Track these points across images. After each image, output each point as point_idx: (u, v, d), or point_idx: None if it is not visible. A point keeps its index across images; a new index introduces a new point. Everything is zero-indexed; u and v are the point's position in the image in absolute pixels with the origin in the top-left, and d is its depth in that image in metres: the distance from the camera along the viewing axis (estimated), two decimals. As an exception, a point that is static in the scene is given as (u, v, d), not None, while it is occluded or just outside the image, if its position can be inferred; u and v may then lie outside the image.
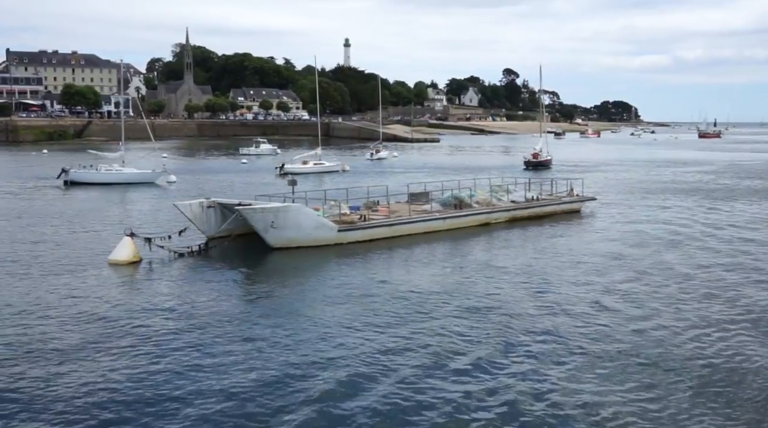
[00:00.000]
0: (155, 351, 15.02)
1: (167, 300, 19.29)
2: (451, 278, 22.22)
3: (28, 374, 13.67)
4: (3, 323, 16.98)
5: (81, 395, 12.68)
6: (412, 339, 15.93)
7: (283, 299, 19.72)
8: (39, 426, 11.48)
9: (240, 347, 15.36)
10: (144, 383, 13.23)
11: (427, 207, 32.23)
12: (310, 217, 27.18)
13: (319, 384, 13.19)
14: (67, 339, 15.82)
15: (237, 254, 26.04)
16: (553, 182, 39.05)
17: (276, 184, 55.68)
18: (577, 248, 27.47)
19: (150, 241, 25.12)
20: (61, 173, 52.51)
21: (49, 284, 20.98)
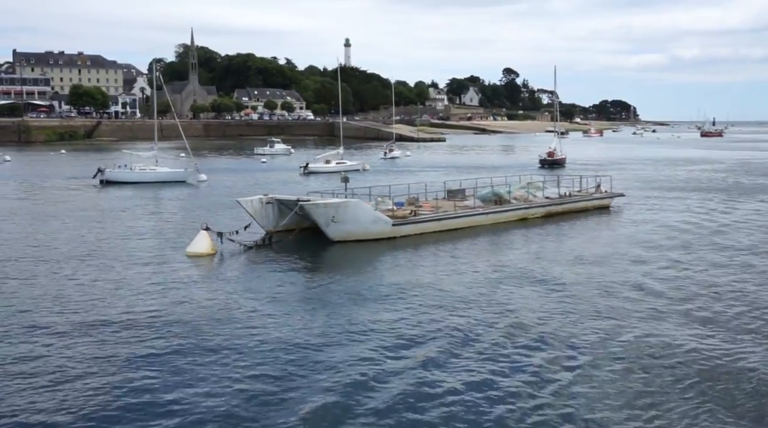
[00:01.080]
0: (261, 332, 16.63)
1: (249, 288, 20.88)
2: (510, 267, 23.83)
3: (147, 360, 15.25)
4: (107, 313, 18.41)
5: (193, 373, 14.28)
6: (485, 319, 17.55)
7: (360, 286, 21.30)
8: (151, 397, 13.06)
9: (332, 328, 16.87)
10: (259, 355, 14.86)
11: (469, 203, 33.82)
12: (368, 212, 28.78)
13: (408, 361, 14.83)
14: (171, 325, 17.38)
15: (300, 247, 27.56)
16: (581, 179, 40.60)
17: (302, 182, 57.40)
18: (619, 239, 29.24)
19: (222, 235, 26.72)
20: (97, 173, 54.02)
21: (137, 275, 22.46)
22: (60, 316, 17.71)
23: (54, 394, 12.68)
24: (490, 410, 12.22)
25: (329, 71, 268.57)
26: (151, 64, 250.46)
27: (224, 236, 26.76)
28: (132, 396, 12.62)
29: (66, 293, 19.99)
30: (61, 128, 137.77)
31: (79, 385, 13.10)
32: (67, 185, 53.70)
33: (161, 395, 12.72)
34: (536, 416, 11.99)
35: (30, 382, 13.28)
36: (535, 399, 12.65)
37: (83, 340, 15.78)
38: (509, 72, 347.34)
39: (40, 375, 13.61)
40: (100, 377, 13.50)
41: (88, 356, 14.75)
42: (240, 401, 12.45)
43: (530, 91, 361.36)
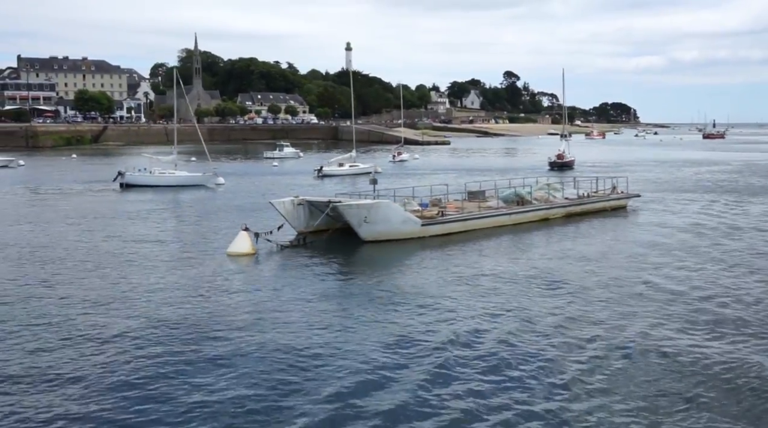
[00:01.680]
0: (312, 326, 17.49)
1: (291, 286, 21.64)
2: (540, 265, 24.64)
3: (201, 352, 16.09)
4: (156, 310, 19.21)
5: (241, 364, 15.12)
6: (520, 316, 18.41)
7: (399, 283, 22.14)
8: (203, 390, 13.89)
9: (377, 325, 17.72)
10: (317, 346, 15.71)
11: (492, 204, 34.66)
12: (399, 212, 29.64)
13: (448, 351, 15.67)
14: (222, 324, 18.23)
15: (333, 247, 28.36)
16: (597, 181, 41.42)
17: (317, 185, 58.30)
18: (640, 239, 30.13)
19: (258, 235, 27.55)
20: (117, 176, 54.81)
21: (182, 275, 23.19)
22: (117, 317, 18.50)
23: (108, 388, 13.42)
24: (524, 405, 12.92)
25: (331, 75, 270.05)
26: (173, 69, 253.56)
27: (261, 236, 27.59)
28: (195, 392, 13.38)
29: (118, 294, 20.70)
30: (68, 133, 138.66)
31: (134, 380, 13.80)
32: (89, 189, 54.53)
33: (222, 391, 13.48)
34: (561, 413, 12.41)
35: (85, 374, 14.11)
36: (568, 398, 13.12)
37: (147, 339, 16.59)
38: (510, 75, 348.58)
39: (92, 369, 14.43)
40: (167, 379, 14.13)
41: (152, 354, 15.56)
42: (285, 392, 13.14)
43: (531, 94, 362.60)
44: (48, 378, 13.76)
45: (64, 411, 12.28)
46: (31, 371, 14.16)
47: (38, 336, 16.48)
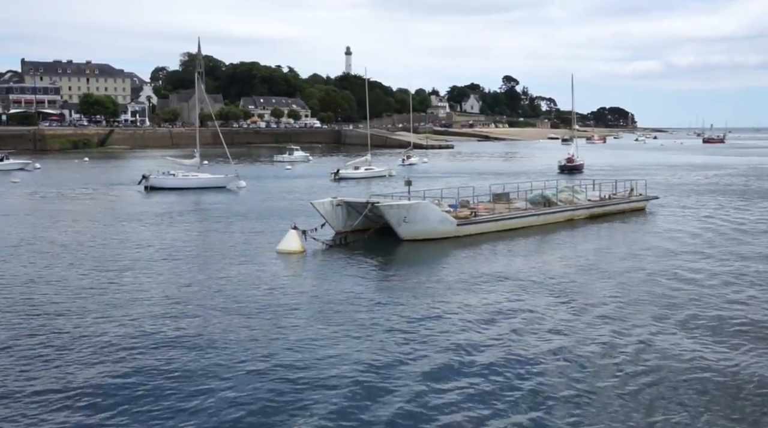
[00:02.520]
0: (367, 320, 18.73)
1: (342, 281, 22.98)
2: (575, 263, 25.93)
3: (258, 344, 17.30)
4: (228, 304, 20.42)
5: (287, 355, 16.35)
6: (563, 310, 19.68)
7: (442, 279, 23.41)
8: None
9: (424, 319, 18.99)
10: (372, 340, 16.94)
11: (521, 205, 35.93)
12: (436, 212, 30.90)
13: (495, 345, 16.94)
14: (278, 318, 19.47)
15: (374, 246, 29.54)
16: (616, 183, 42.71)
17: (334, 187, 59.59)
18: (665, 236, 31.76)
19: (305, 233, 28.76)
20: (142, 179, 55.97)
21: (237, 272, 24.27)
22: (194, 313, 19.68)
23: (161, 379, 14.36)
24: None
25: (333, 79, 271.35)
26: (197, 74, 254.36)
27: (308, 235, 28.82)
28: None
29: (187, 290, 21.89)
30: (75, 136, 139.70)
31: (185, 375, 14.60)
32: (114, 191, 55.74)
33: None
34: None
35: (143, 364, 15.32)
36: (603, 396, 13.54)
37: (231, 330, 17.80)
38: (509, 80, 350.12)
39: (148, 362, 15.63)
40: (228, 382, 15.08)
41: (236, 346, 16.76)
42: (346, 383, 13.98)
43: (530, 98, 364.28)
44: (132, 366, 14.96)
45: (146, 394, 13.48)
46: (111, 359, 15.34)
47: (110, 329, 17.63)
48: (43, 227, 35.29)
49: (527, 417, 12.40)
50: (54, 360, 15.07)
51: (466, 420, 12.26)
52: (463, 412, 12.59)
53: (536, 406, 12.87)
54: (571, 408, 12.78)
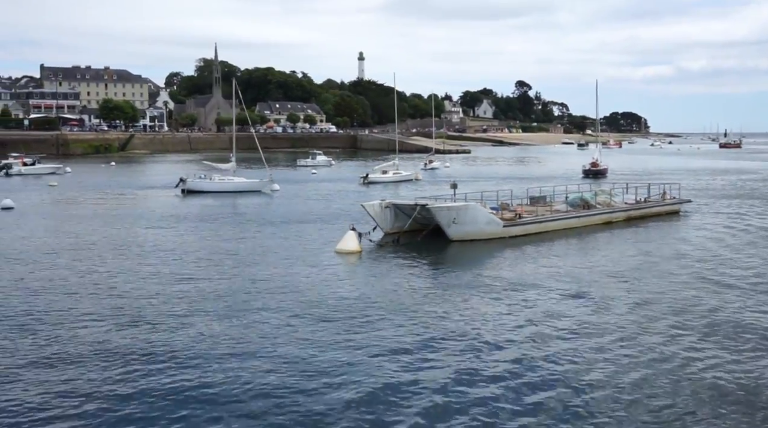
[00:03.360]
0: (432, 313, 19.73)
1: (400, 279, 24.12)
2: (622, 264, 26.88)
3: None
4: (299, 299, 21.51)
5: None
6: (615, 307, 20.61)
7: (495, 277, 24.40)
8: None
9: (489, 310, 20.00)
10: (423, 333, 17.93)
11: (561, 207, 36.87)
12: (484, 214, 31.91)
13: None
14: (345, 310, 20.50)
15: (424, 246, 30.56)
16: (650, 187, 43.58)
17: (363, 191, 60.61)
18: (705, 237, 32.90)
19: (361, 235, 29.82)
20: (179, 183, 57.16)
21: (301, 271, 25.33)
22: (270, 307, 20.72)
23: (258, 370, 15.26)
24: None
25: (346, 85, 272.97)
26: (233, 80, 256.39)
27: (363, 236, 29.89)
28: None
29: (258, 287, 22.94)
30: (96, 141, 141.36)
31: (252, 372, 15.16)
32: (152, 194, 56.94)
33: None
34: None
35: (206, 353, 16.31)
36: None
37: (305, 321, 18.84)
38: (522, 85, 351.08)
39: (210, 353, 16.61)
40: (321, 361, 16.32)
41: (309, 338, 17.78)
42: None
43: (542, 103, 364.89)
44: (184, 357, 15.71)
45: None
46: (164, 350, 16.18)
47: (175, 322, 18.63)
48: (103, 229, 36.39)
49: (558, 406, 13.19)
50: (148, 348, 16.12)
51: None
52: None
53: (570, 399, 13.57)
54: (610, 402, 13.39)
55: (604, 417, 12.72)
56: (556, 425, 12.42)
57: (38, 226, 37.74)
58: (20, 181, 71.38)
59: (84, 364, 15.10)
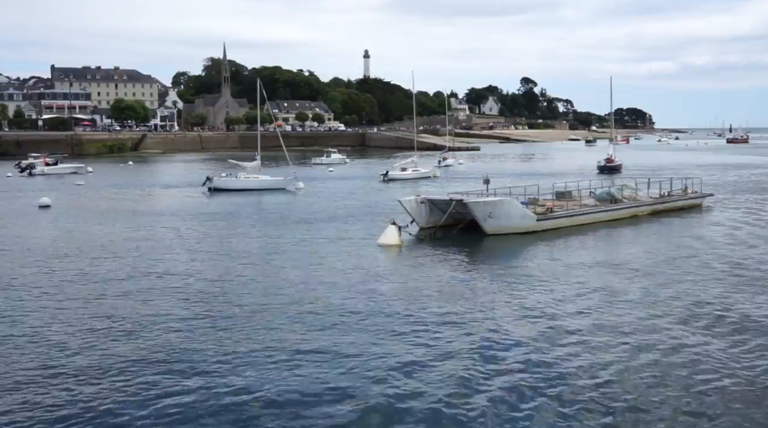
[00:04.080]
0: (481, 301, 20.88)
1: (441, 270, 25.32)
2: (656, 255, 27.95)
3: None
4: (352, 289, 22.67)
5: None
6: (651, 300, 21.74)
7: (534, 267, 25.54)
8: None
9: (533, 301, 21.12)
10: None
11: (589, 202, 37.95)
12: (518, 208, 33.04)
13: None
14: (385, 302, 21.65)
15: (461, 239, 31.71)
16: (672, 181, 44.61)
17: (384, 188, 61.77)
18: (731, 229, 34.08)
19: (401, 228, 30.96)
20: (206, 181, 58.33)
21: (349, 261, 26.63)
22: (322, 296, 21.88)
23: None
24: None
25: (353, 83, 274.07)
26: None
27: (403, 230, 31.06)
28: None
29: (312, 278, 24.16)
30: (110, 140, 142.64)
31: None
32: (179, 192, 58.13)
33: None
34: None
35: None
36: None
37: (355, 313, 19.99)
38: (527, 81, 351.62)
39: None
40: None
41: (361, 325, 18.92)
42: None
43: (548, 100, 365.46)
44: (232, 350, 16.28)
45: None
46: (209, 344, 16.74)
47: (231, 314, 19.55)
48: (146, 226, 37.56)
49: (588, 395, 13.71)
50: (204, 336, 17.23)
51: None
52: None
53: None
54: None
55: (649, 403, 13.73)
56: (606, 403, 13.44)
57: (80, 222, 39.01)
58: (44, 180, 72.57)
59: (169, 360, 16.04)
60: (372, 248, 29.64)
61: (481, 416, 12.78)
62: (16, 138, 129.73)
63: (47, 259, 27.61)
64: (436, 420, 12.63)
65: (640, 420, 12.65)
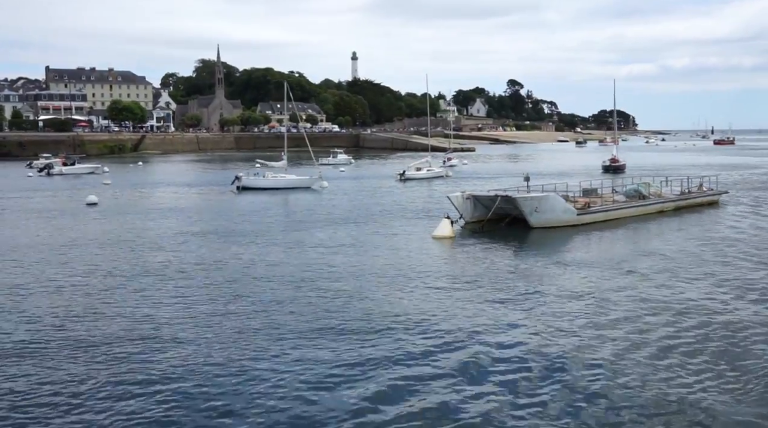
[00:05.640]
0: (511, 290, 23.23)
1: (498, 258, 27.50)
2: (690, 245, 30.26)
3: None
4: (421, 278, 24.94)
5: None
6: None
7: (583, 257, 27.90)
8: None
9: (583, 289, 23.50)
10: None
11: (619, 198, 40.41)
12: (561, 203, 35.43)
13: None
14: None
15: (509, 232, 33.95)
16: (689, 179, 47.14)
17: (402, 186, 64.04)
18: (752, 224, 36.50)
19: (453, 222, 33.27)
20: (235, 180, 60.21)
21: (408, 253, 28.69)
22: (401, 283, 24.11)
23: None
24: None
25: (344, 84, 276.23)
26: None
27: (455, 223, 33.45)
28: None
29: (379, 268, 26.30)
30: (111, 141, 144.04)
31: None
32: (209, 191, 60.03)
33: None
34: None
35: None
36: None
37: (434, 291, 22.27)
38: (514, 83, 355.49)
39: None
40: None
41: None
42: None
43: (534, 101, 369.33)
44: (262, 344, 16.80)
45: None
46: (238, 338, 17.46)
47: (279, 307, 20.65)
48: (196, 221, 39.57)
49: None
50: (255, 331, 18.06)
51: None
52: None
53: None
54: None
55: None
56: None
57: (134, 218, 40.93)
58: (63, 180, 74.15)
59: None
60: (428, 240, 31.84)
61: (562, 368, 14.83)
62: (18, 139, 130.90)
63: (131, 249, 29.68)
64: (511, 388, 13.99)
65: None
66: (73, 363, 15.32)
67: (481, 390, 13.82)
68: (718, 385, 13.93)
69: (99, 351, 16.03)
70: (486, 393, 13.66)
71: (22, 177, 78.15)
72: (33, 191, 61.54)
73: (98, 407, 13.00)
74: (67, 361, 15.40)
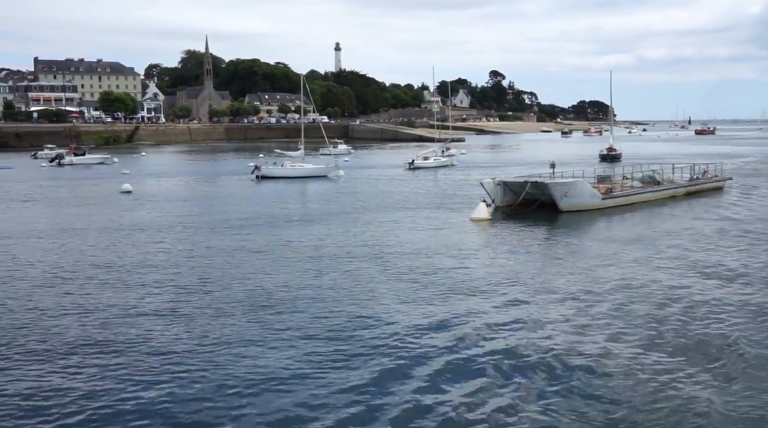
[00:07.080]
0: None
1: (531, 238, 30.04)
2: (709, 226, 32.86)
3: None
4: (462, 257, 27.50)
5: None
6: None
7: (614, 236, 30.54)
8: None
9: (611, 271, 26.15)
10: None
11: (636, 184, 43.16)
12: (588, 188, 38.10)
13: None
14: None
15: (540, 216, 36.42)
16: (694, 166, 49.96)
17: (414, 175, 66.36)
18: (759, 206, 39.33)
19: (489, 205, 35.84)
20: (254, 169, 62.18)
21: (450, 234, 31.07)
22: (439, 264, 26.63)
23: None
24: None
25: (330, 76, 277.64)
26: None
27: (490, 207, 36.07)
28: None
29: (432, 245, 28.92)
30: (106, 132, 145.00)
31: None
32: (230, 180, 61.97)
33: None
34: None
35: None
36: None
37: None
38: (496, 74, 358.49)
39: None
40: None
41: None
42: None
43: (515, 92, 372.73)
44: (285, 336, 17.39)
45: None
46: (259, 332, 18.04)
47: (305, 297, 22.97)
48: (232, 208, 41.58)
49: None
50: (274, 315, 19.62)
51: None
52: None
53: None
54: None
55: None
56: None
57: (171, 205, 43.01)
58: (76, 170, 75.65)
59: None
60: (466, 221, 34.46)
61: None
62: (15, 130, 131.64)
63: (193, 233, 31.91)
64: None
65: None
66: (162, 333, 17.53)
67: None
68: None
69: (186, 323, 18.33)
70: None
71: (34, 168, 79.49)
72: (53, 180, 63.20)
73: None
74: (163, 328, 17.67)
